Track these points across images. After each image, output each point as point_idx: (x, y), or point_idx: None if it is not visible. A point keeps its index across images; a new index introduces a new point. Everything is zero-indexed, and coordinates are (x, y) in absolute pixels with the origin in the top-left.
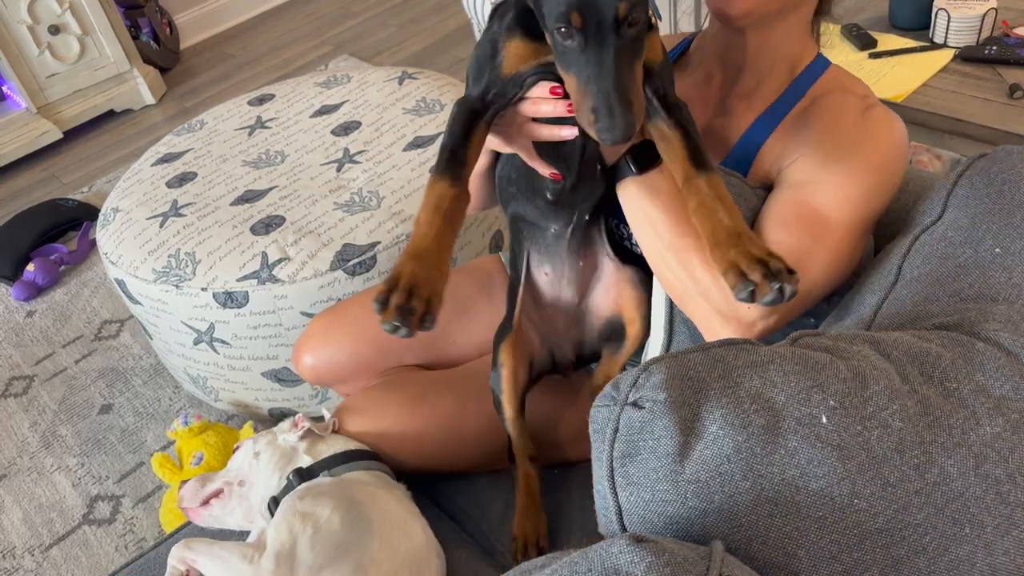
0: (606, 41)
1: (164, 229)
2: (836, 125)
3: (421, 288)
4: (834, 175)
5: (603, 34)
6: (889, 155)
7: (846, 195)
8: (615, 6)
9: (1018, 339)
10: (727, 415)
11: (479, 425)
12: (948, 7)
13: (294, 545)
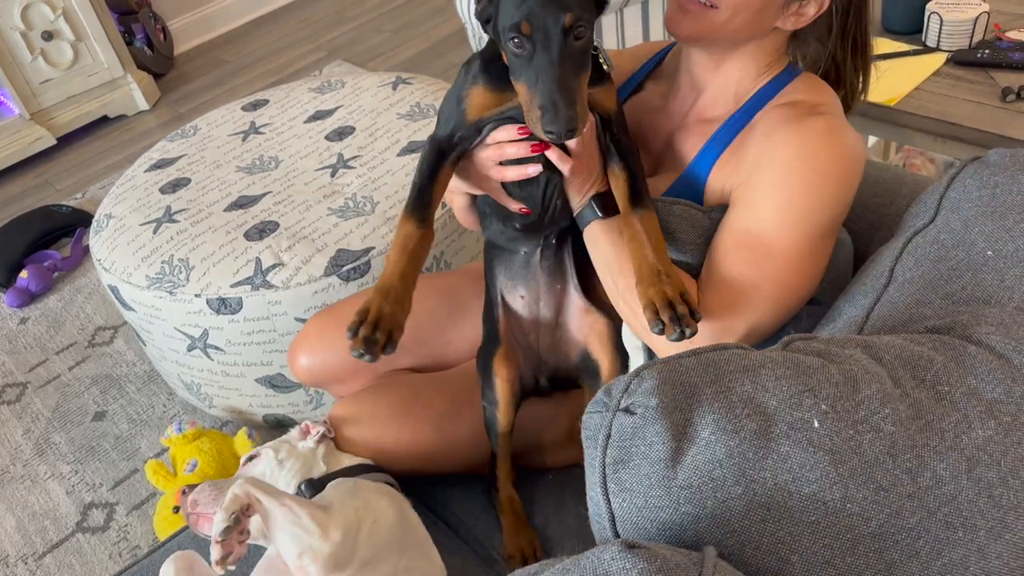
0: (552, 48)
1: (157, 235)
2: (772, 143)
3: (384, 322)
4: (771, 199)
5: (550, 41)
6: (829, 169)
7: (785, 219)
8: (561, 17)
9: (1010, 342)
10: (719, 420)
11: (472, 427)
12: (940, 11)
13: (358, 530)
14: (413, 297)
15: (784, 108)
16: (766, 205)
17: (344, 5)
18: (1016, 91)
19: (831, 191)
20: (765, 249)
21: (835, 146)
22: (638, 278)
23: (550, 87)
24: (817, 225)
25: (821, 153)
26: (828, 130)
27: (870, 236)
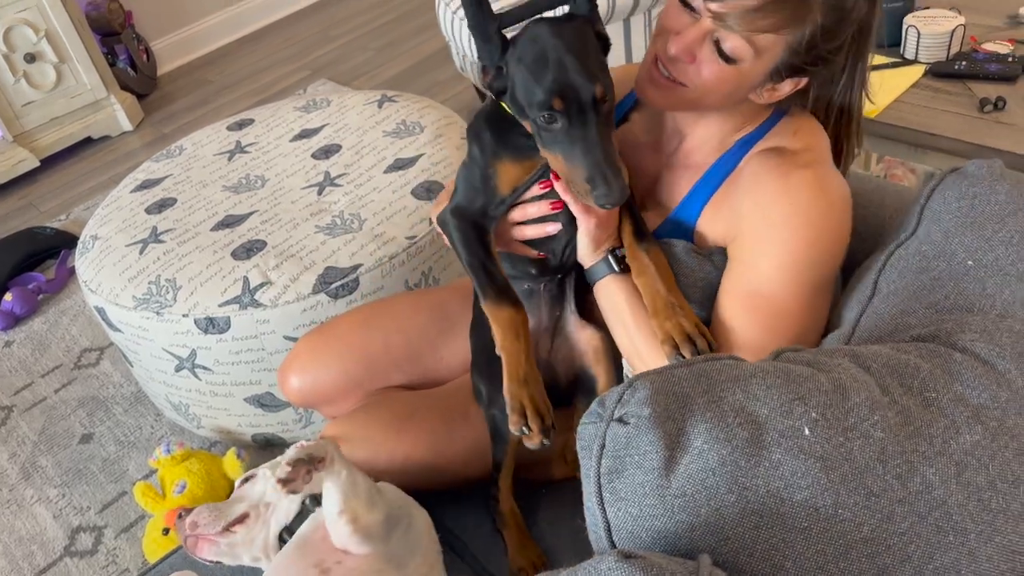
0: (588, 119)
1: (144, 256)
2: (763, 199)
3: (540, 405)
4: (772, 258)
5: (584, 113)
6: (823, 223)
7: (789, 278)
8: (592, 88)
9: (993, 348)
10: (711, 429)
11: (466, 443)
12: (918, 24)
13: (397, 522)
14: (403, 314)
15: (770, 155)
16: (768, 264)
17: (328, 24)
18: (993, 101)
19: (827, 243)
20: (773, 310)
21: (825, 198)
22: (652, 311)
23: (596, 160)
24: (819, 276)
25: (814, 208)
26: (817, 182)
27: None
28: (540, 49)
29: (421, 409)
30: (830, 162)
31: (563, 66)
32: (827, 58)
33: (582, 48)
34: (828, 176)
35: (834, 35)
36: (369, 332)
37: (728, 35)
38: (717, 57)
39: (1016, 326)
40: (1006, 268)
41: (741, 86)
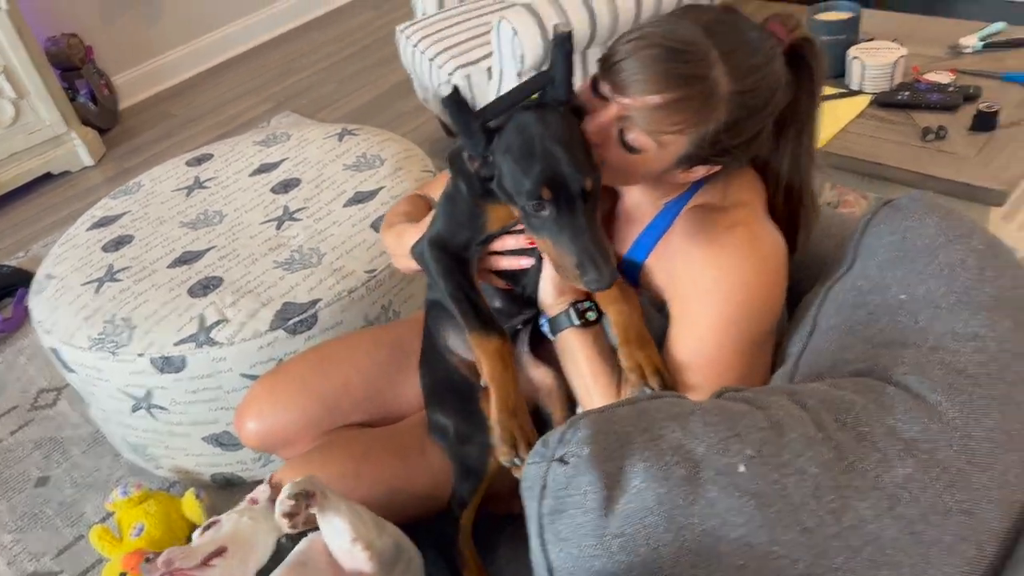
0: (576, 207)
1: (99, 295)
2: (695, 261)
3: (530, 435)
4: (709, 319)
5: (572, 202)
6: (756, 281)
7: (727, 339)
8: (581, 180)
9: (925, 381)
10: (649, 468)
11: (423, 480)
12: (862, 56)
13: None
14: (361, 352)
15: (698, 215)
16: (706, 326)
17: (292, 57)
18: (935, 131)
19: (761, 300)
20: (713, 370)
21: (756, 255)
22: (624, 339)
23: (584, 246)
24: (757, 332)
25: (744, 268)
26: (746, 241)
27: (798, 275)
28: (526, 139)
29: (377, 447)
30: (760, 215)
31: (551, 157)
32: (734, 152)
33: (569, 137)
34: (757, 232)
35: (740, 131)
36: (327, 372)
37: (632, 127)
38: (622, 147)
39: (947, 358)
40: (937, 301)
41: (648, 171)
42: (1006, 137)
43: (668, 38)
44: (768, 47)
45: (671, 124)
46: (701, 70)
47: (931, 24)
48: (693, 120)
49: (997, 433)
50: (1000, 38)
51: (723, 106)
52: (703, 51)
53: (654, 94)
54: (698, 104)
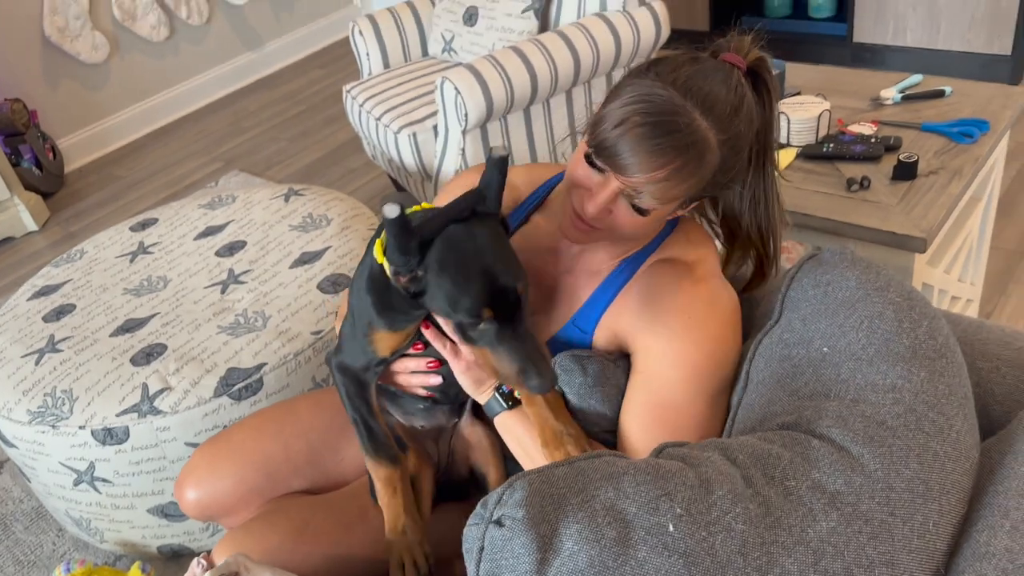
0: (515, 317)
1: (40, 366)
2: (661, 312)
3: (419, 555)
4: (677, 371)
5: (510, 312)
6: (720, 333)
7: (694, 389)
8: (515, 289)
9: (847, 433)
10: (582, 530)
11: (365, 547)
12: (787, 110)
13: None
14: (302, 417)
15: (665, 267)
16: (674, 377)
17: (240, 116)
18: (859, 181)
19: (724, 352)
20: (682, 421)
21: (719, 310)
22: (543, 441)
23: (526, 354)
24: (719, 382)
25: (711, 320)
26: (711, 295)
27: None
28: (461, 256)
29: (319, 515)
30: (719, 272)
31: (489, 273)
32: (728, 184)
33: (500, 249)
34: (719, 288)
35: (731, 166)
36: (267, 439)
37: (641, 196)
38: (632, 211)
39: (868, 410)
40: (858, 353)
41: (657, 226)
42: (925, 185)
43: (651, 113)
44: (734, 82)
45: (679, 188)
46: (691, 135)
47: (853, 77)
48: (696, 178)
49: (917, 483)
50: (917, 90)
51: (716, 154)
52: (687, 115)
53: (656, 170)
54: (696, 164)
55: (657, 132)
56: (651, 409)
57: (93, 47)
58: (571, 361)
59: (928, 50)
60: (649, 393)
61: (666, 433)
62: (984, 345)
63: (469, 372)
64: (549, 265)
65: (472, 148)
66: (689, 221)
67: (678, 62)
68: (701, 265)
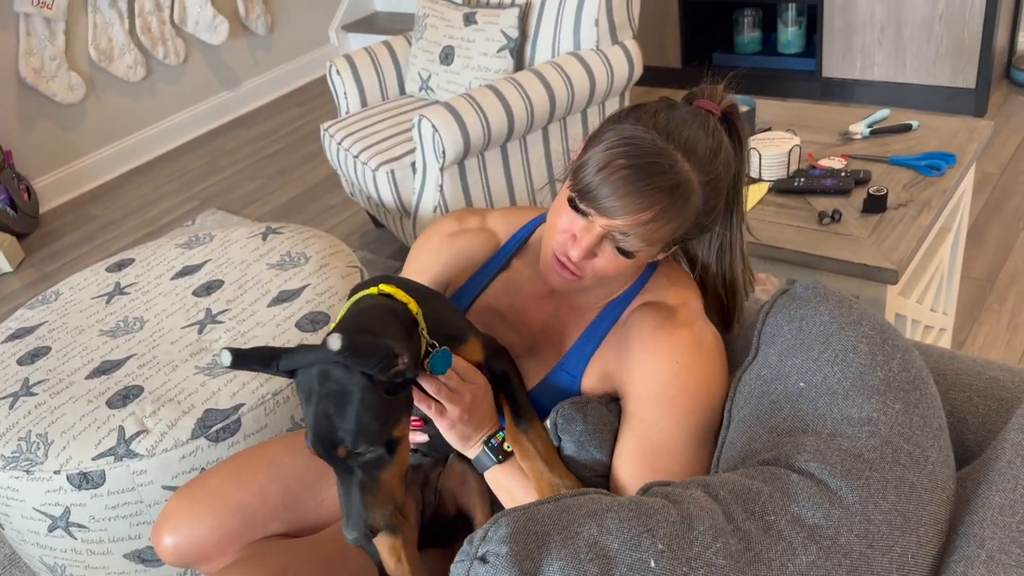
0: (337, 468)
1: (14, 411)
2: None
3: None
4: (670, 417)
5: (333, 463)
6: (708, 375)
7: (687, 435)
8: (334, 450)
9: (825, 467)
10: (564, 567)
11: None
12: (759, 146)
13: None
14: (279, 460)
15: (650, 312)
16: (663, 424)
17: (216, 155)
18: (830, 214)
19: (713, 393)
20: (673, 465)
21: (705, 353)
22: (539, 492)
23: (344, 500)
24: (708, 425)
25: (698, 364)
26: (696, 339)
27: None
28: (306, 393)
29: (299, 559)
30: (703, 315)
31: (319, 419)
32: (708, 227)
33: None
34: (704, 331)
35: (712, 207)
36: (243, 483)
37: (626, 240)
38: (617, 254)
39: (845, 444)
40: (833, 387)
41: (641, 265)
42: (895, 217)
43: (634, 155)
44: (711, 127)
45: (664, 230)
46: (675, 176)
47: (823, 112)
48: (681, 219)
49: (894, 516)
50: (885, 124)
51: (699, 195)
52: (671, 157)
53: (641, 212)
54: (681, 206)
55: (642, 174)
56: (642, 455)
57: (69, 87)
58: (573, 409)
59: (895, 84)
60: (639, 439)
61: (657, 478)
62: (956, 375)
63: (455, 429)
64: (532, 310)
65: (450, 184)
66: (669, 263)
67: (656, 108)
68: (684, 308)
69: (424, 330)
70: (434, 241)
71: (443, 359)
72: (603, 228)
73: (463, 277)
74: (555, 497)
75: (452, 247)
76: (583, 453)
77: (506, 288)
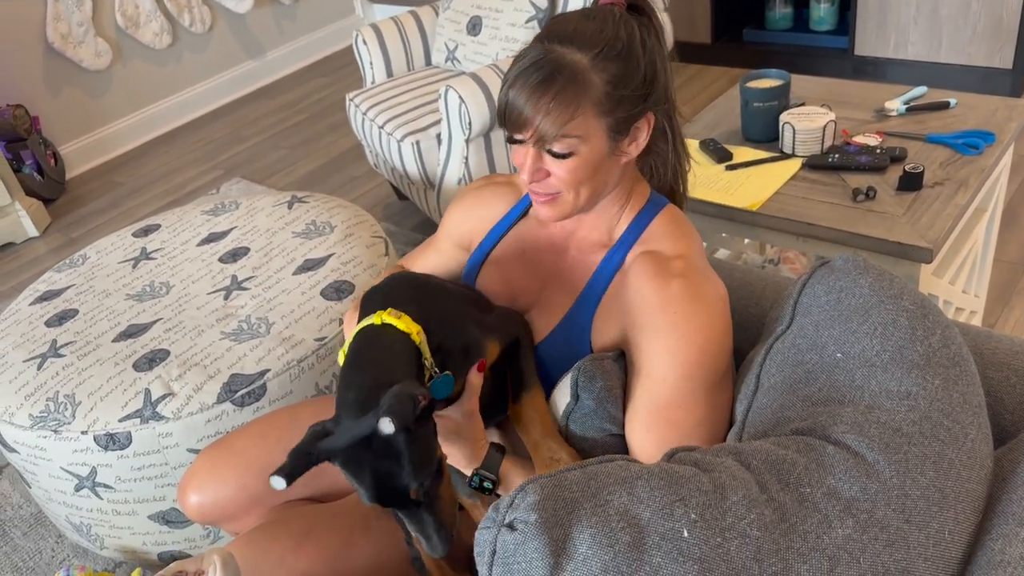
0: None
1: (42, 371)
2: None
3: None
4: (674, 370)
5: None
6: (710, 324)
7: (692, 385)
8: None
9: (863, 440)
10: (595, 535)
11: (366, 558)
12: (792, 121)
13: None
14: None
15: (648, 261)
16: (669, 377)
17: (241, 124)
18: (865, 191)
19: (715, 344)
20: (684, 417)
21: (704, 302)
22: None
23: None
24: (714, 376)
25: (697, 314)
26: (693, 290)
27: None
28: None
29: (320, 525)
30: (703, 264)
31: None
32: (645, 93)
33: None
34: (703, 281)
35: (629, 78)
36: (268, 446)
37: (549, 142)
38: (557, 160)
39: (883, 417)
40: (872, 359)
41: (599, 163)
42: (931, 196)
43: (518, 67)
44: (603, 14)
45: (568, 116)
46: (556, 62)
47: (857, 89)
48: (587, 98)
49: (932, 491)
50: (921, 101)
51: (594, 73)
52: (552, 51)
53: (540, 109)
54: (573, 84)
55: (530, 75)
56: (653, 411)
57: (96, 54)
58: (592, 366)
59: (929, 63)
60: (648, 394)
61: (670, 432)
62: (994, 355)
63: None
64: (543, 255)
65: (475, 156)
66: (671, 211)
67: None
68: (681, 260)
69: (427, 358)
70: (464, 198)
71: (444, 385)
72: (531, 143)
73: (486, 229)
74: (581, 464)
75: (478, 201)
76: (601, 410)
77: (520, 236)
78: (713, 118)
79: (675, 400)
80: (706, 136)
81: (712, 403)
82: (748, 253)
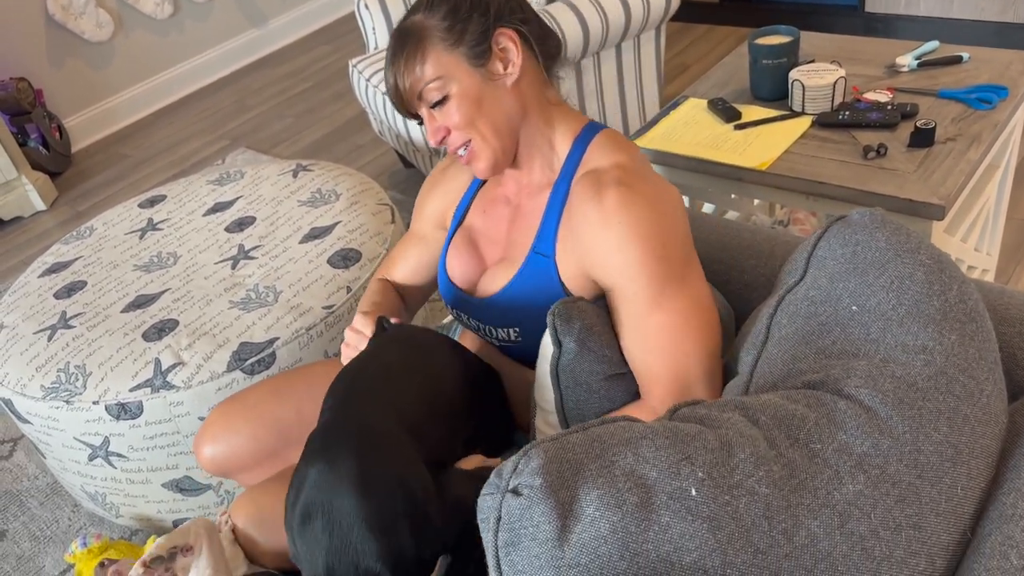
0: None
1: (53, 342)
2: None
3: None
4: (638, 284)
5: None
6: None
7: (655, 290)
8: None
9: (876, 395)
10: (603, 496)
11: None
12: (802, 78)
13: None
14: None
15: (586, 179)
16: (638, 283)
17: (245, 94)
18: (876, 148)
19: (671, 243)
20: (670, 317)
21: (646, 201)
22: None
23: None
24: (679, 270)
25: (643, 216)
26: (632, 194)
27: (747, 296)
28: None
29: None
30: (641, 170)
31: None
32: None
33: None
34: (638, 181)
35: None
36: (282, 400)
37: (426, 93)
38: (441, 108)
39: (898, 371)
40: (887, 313)
41: (482, 93)
42: (943, 152)
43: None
44: None
45: (418, 63)
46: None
47: (868, 45)
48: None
49: (945, 447)
50: (933, 56)
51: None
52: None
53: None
54: (414, 39)
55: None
56: (639, 325)
57: (97, 25)
58: (565, 308)
59: (941, 19)
60: (627, 311)
61: (663, 338)
62: (1007, 311)
63: None
64: (500, 211)
65: None
66: (608, 133)
67: None
68: (618, 167)
69: None
70: (432, 180)
71: None
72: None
73: (455, 201)
74: (583, 426)
75: (444, 178)
76: (586, 351)
77: (481, 201)
78: (721, 76)
79: (652, 303)
80: (714, 95)
81: (688, 293)
82: (758, 215)
